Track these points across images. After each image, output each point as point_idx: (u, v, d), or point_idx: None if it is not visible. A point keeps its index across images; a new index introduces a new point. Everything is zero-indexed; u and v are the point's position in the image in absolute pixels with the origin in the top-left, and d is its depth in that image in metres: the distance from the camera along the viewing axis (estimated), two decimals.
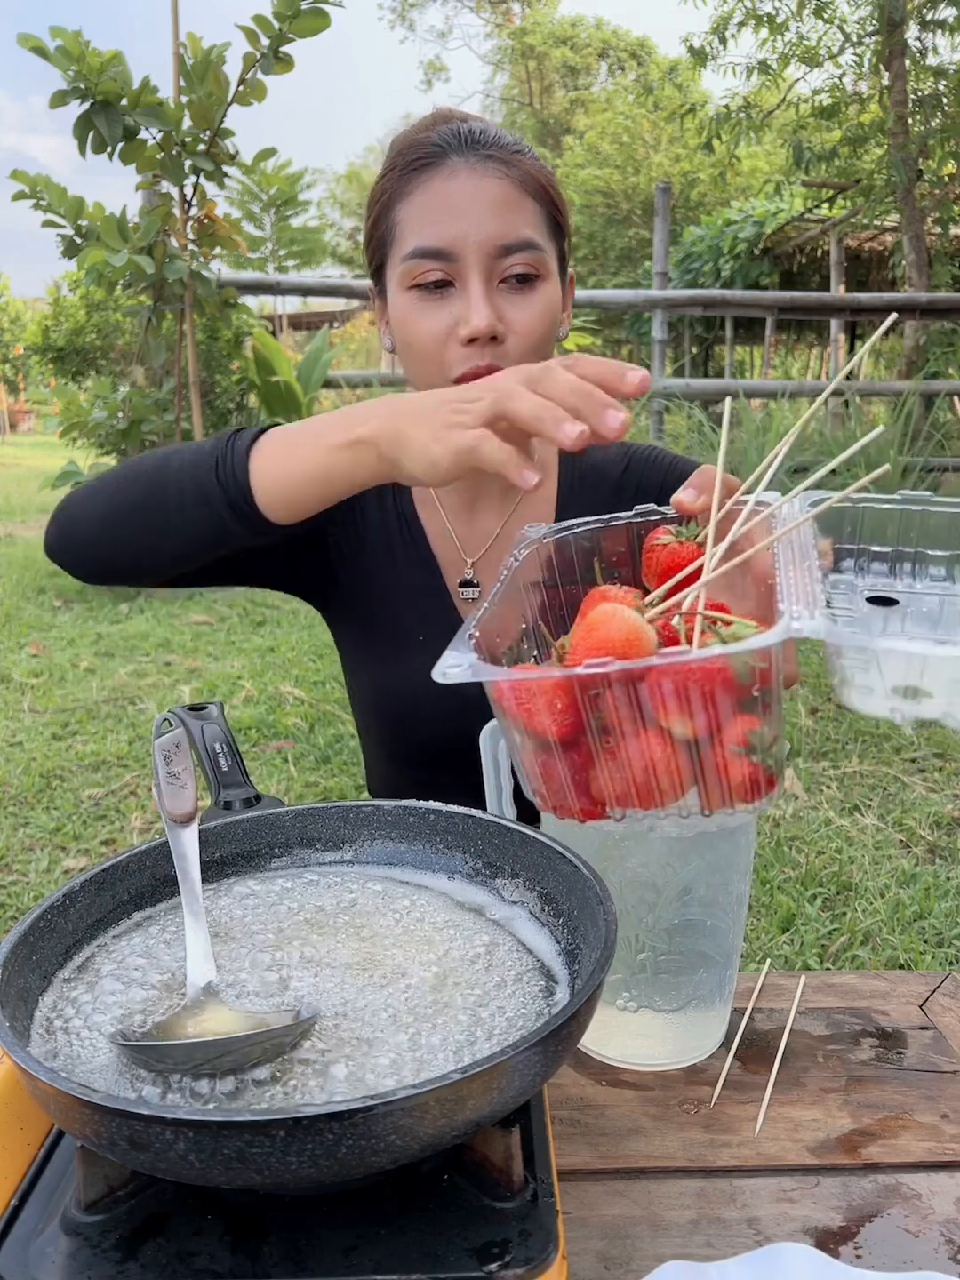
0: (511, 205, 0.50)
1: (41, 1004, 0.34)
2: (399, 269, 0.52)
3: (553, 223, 0.53)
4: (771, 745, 0.29)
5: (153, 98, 2.44)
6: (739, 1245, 0.34)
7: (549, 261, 0.52)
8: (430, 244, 0.50)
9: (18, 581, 3.21)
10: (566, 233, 0.55)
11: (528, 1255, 0.28)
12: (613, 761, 0.29)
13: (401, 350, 0.54)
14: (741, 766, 0.29)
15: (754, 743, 0.29)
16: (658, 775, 0.29)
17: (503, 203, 0.50)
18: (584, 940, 0.36)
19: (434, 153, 0.51)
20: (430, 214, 0.50)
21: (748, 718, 0.28)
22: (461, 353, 0.51)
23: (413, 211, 0.51)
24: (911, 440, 3.08)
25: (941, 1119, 0.40)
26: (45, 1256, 0.29)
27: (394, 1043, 0.32)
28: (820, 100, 4.31)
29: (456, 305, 0.51)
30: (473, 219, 0.50)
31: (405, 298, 0.52)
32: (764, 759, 0.29)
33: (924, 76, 4.04)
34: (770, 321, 4.31)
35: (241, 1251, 0.29)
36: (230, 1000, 0.34)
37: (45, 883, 1.40)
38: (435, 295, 0.51)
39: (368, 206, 0.55)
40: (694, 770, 0.29)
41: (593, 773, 0.30)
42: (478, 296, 0.50)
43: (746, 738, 0.29)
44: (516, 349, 0.51)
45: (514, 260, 0.50)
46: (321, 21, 2.36)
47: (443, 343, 0.51)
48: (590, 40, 12.49)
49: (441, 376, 0.52)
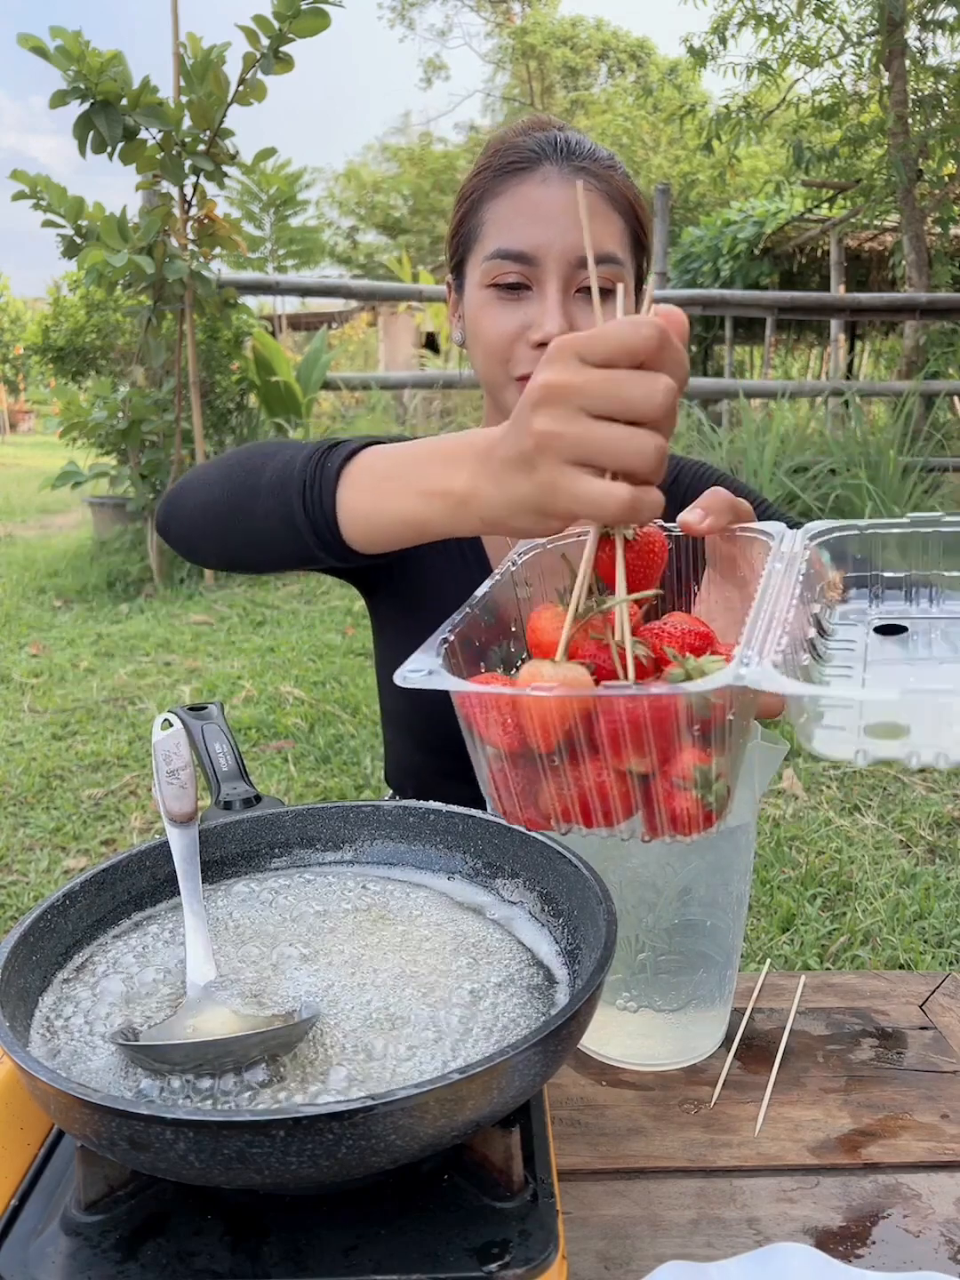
0: (598, 218, 0.52)
1: (41, 1004, 0.34)
2: (480, 266, 0.53)
3: (635, 239, 0.55)
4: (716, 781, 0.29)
5: (153, 98, 2.44)
6: (739, 1245, 0.34)
7: (626, 277, 0.54)
8: (515, 246, 0.51)
9: (18, 581, 3.21)
10: (648, 251, 0.57)
11: (528, 1255, 0.28)
12: (557, 780, 0.29)
13: (470, 343, 0.56)
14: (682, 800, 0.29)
15: (697, 778, 0.28)
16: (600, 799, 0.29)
17: (590, 215, 0.51)
18: (584, 940, 0.36)
19: (529, 158, 0.52)
20: (519, 217, 0.52)
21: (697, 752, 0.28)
22: (530, 354, 0.52)
23: (501, 212, 0.52)
24: (911, 440, 3.08)
25: (941, 1119, 0.40)
26: (45, 1256, 0.29)
27: (394, 1042, 0.32)
28: (820, 100, 4.32)
29: (531, 309, 0.52)
30: (559, 227, 0.51)
31: (482, 294, 0.53)
32: (705, 795, 0.29)
33: (924, 76, 4.04)
34: (770, 321, 4.31)
35: (241, 1251, 0.29)
36: (230, 1000, 0.34)
37: (45, 883, 1.40)
38: (511, 296, 0.53)
39: (456, 202, 0.56)
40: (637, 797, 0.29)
41: (539, 786, 0.30)
42: (553, 303, 0.51)
43: (691, 772, 0.28)
44: None
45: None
46: (321, 21, 2.36)
47: (512, 342, 0.53)
48: (590, 41, 12.50)
49: (506, 373, 0.54)
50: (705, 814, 0.29)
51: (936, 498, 3.04)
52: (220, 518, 0.47)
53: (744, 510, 0.36)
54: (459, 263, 0.56)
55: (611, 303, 0.52)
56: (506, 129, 0.57)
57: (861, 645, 0.33)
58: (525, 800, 0.30)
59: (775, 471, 2.86)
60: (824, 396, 3.57)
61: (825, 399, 3.57)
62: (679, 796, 0.29)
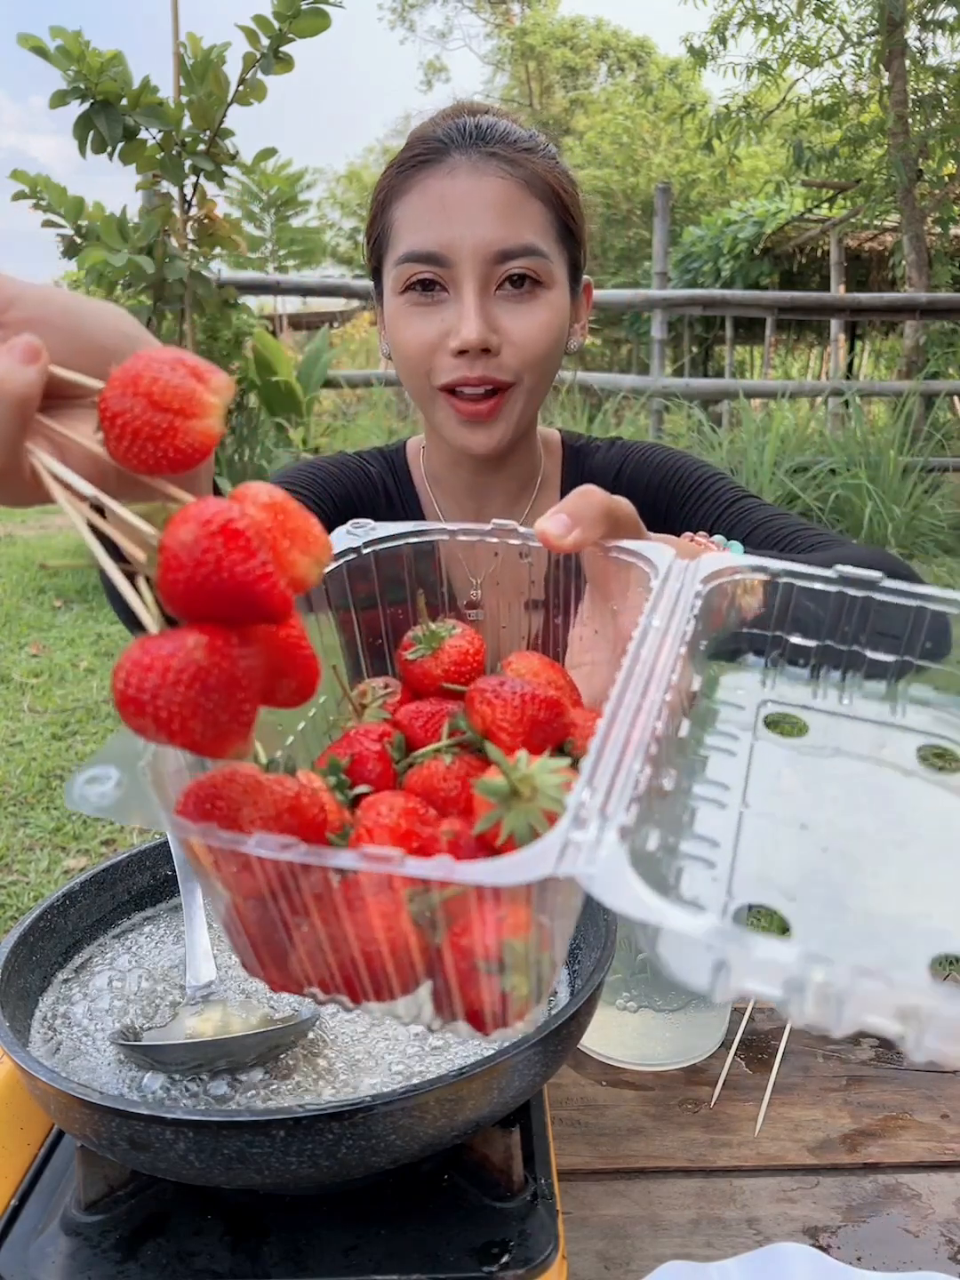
0: (513, 207, 0.47)
1: (41, 1004, 0.34)
2: (392, 272, 0.49)
3: (562, 227, 0.50)
4: (537, 961, 0.19)
5: (153, 98, 2.43)
6: (739, 1245, 0.34)
7: (554, 269, 0.49)
8: (423, 247, 0.47)
9: (17, 581, 3.21)
10: (580, 239, 0.51)
11: (528, 1255, 0.28)
12: (309, 941, 0.19)
13: (394, 358, 0.52)
14: (483, 990, 0.19)
15: (508, 958, 0.18)
16: (369, 967, 0.19)
17: (504, 204, 0.47)
18: (583, 940, 0.36)
19: (435, 149, 0.48)
20: (425, 215, 0.47)
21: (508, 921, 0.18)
22: (450, 362, 0.48)
23: (409, 211, 0.48)
24: (912, 440, 3.08)
25: (941, 1119, 0.40)
26: (45, 1256, 0.29)
27: (394, 1043, 0.32)
28: (820, 100, 4.31)
29: (448, 313, 0.48)
30: (468, 221, 0.46)
31: (397, 302, 0.49)
32: (517, 983, 0.19)
33: (924, 76, 4.04)
34: (770, 321, 4.30)
35: (241, 1251, 0.29)
36: (230, 1000, 0.34)
37: (45, 883, 1.40)
38: (427, 300, 0.48)
39: (369, 204, 0.53)
40: (426, 969, 0.19)
41: (286, 944, 0.20)
42: (469, 306, 0.47)
43: (498, 951, 0.18)
44: (513, 360, 0.48)
45: (512, 266, 0.47)
46: (321, 22, 2.35)
47: (433, 351, 0.49)
48: (590, 41, 12.50)
49: (429, 385, 0.50)
50: (517, 1010, 0.19)
51: (937, 498, 3.04)
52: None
53: (623, 516, 0.27)
54: (376, 268, 0.52)
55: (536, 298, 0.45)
56: (426, 122, 0.51)
57: (745, 749, 0.23)
58: (272, 957, 0.20)
59: (775, 472, 2.86)
60: (824, 396, 3.57)
61: (825, 399, 3.56)
62: (479, 983, 0.19)
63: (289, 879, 0.19)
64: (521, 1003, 0.20)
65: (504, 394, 0.49)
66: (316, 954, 0.20)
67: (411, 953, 0.19)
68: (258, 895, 0.19)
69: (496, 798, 0.20)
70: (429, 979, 0.20)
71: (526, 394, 0.50)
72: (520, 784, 0.20)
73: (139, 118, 2.46)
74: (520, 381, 0.49)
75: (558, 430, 0.60)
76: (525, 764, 0.20)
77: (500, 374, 0.48)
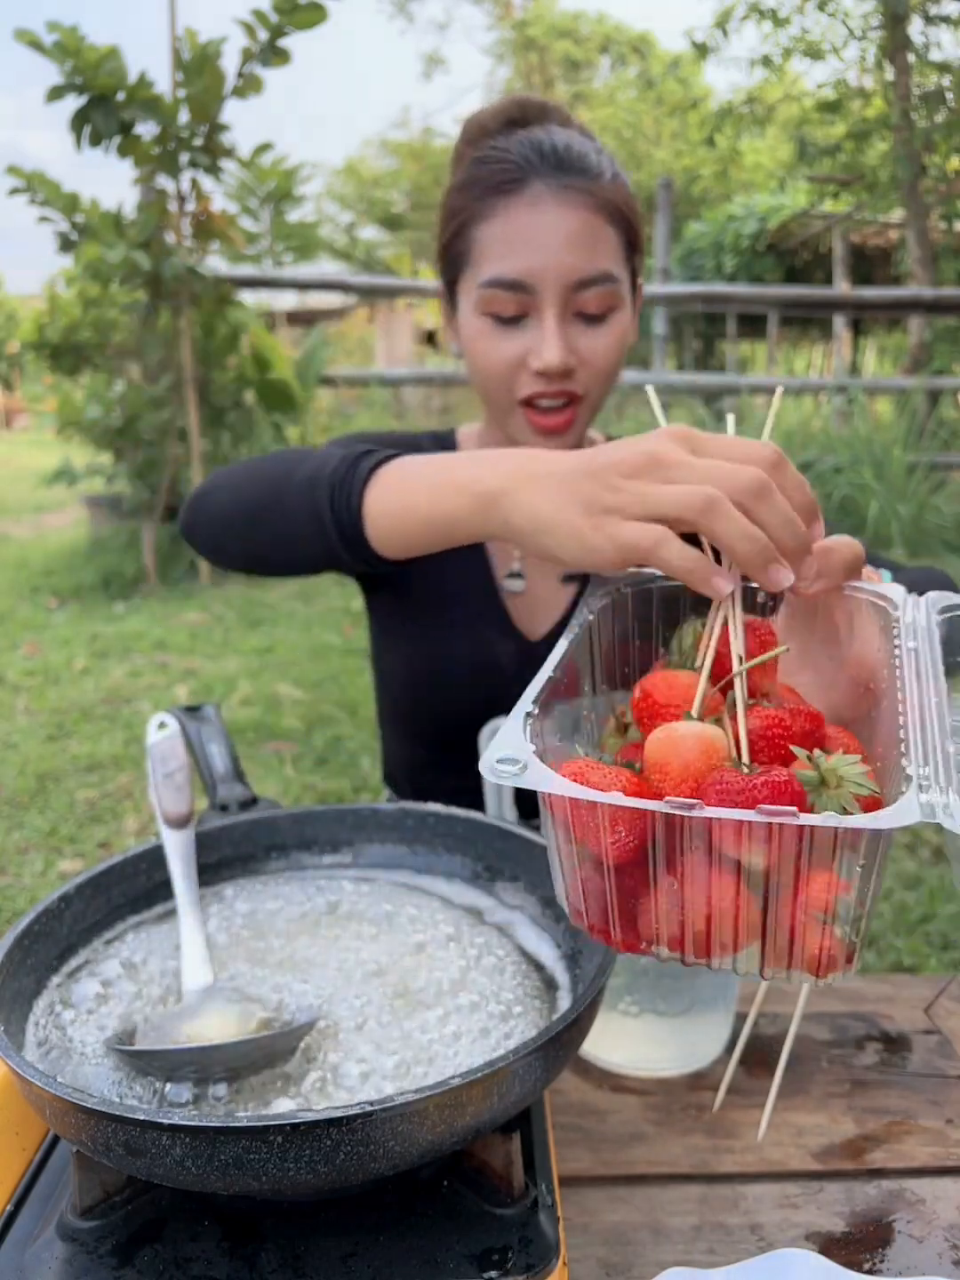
0: (593, 237, 0.51)
1: (36, 1008, 0.34)
2: (475, 293, 0.52)
3: (629, 246, 0.54)
4: (860, 917, 0.24)
5: (149, 92, 2.42)
6: (742, 1252, 0.33)
7: (624, 291, 0.53)
8: (509, 275, 0.50)
9: (12, 581, 3.19)
10: (641, 250, 0.55)
11: (528, 1262, 0.28)
12: (669, 901, 0.25)
13: (469, 368, 0.56)
14: (818, 936, 0.24)
15: (840, 911, 0.24)
16: (719, 926, 0.25)
17: (585, 235, 0.50)
18: (585, 944, 0.35)
19: (515, 175, 0.51)
20: (511, 244, 0.51)
21: (839, 881, 0.23)
22: (532, 379, 0.52)
23: (493, 236, 0.51)
24: (917, 437, 3.07)
25: (946, 1124, 0.40)
26: (41, 1262, 0.28)
27: (393, 1047, 0.32)
28: (824, 94, 4.28)
29: (530, 335, 0.52)
30: (553, 252, 0.50)
31: (479, 323, 0.53)
32: (847, 932, 0.24)
33: (928, 71, 4.01)
34: (774, 317, 4.28)
35: (239, 1258, 0.28)
36: (226, 1005, 0.33)
37: (40, 886, 1.40)
38: (509, 323, 0.52)
39: (443, 217, 0.55)
40: (761, 927, 0.25)
41: (643, 904, 0.26)
42: (552, 332, 0.50)
43: (832, 904, 0.23)
44: (586, 379, 0.53)
45: (590, 294, 0.51)
46: (318, 15, 2.34)
47: (513, 370, 0.52)
48: (592, 34, 12.42)
49: (509, 398, 0.54)
50: (847, 953, 0.24)
51: (942, 496, 3.02)
52: (249, 515, 0.47)
53: (856, 561, 0.32)
54: (451, 281, 0.55)
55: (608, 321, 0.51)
56: (484, 114, 0.54)
57: None
58: (624, 919, 0.26)
59: None
60: (828, 393, 3.55)
61: (829, 395, 3.55)
62: (814, 931, 0.24)
63: (666, 836, 0.24)
64: (850, 948, 0.25)
65: (576, 407, 0.54)
66: (673, 912, 0.25)
67: (752, 910, 0.24)
68: (630, 858, 0.25)
69: (809, 787, 0.25)
70: (764, 933, 0.25)
71: (592, 406, 0.55)
72: (828, 774, 0.25)
73: (135, 112, 2.44)
74: (589, 395, 0.54)
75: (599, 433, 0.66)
76: (823, 760, 0.26)
77: (575, 388, 0.53)
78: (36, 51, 2.35)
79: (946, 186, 4.14)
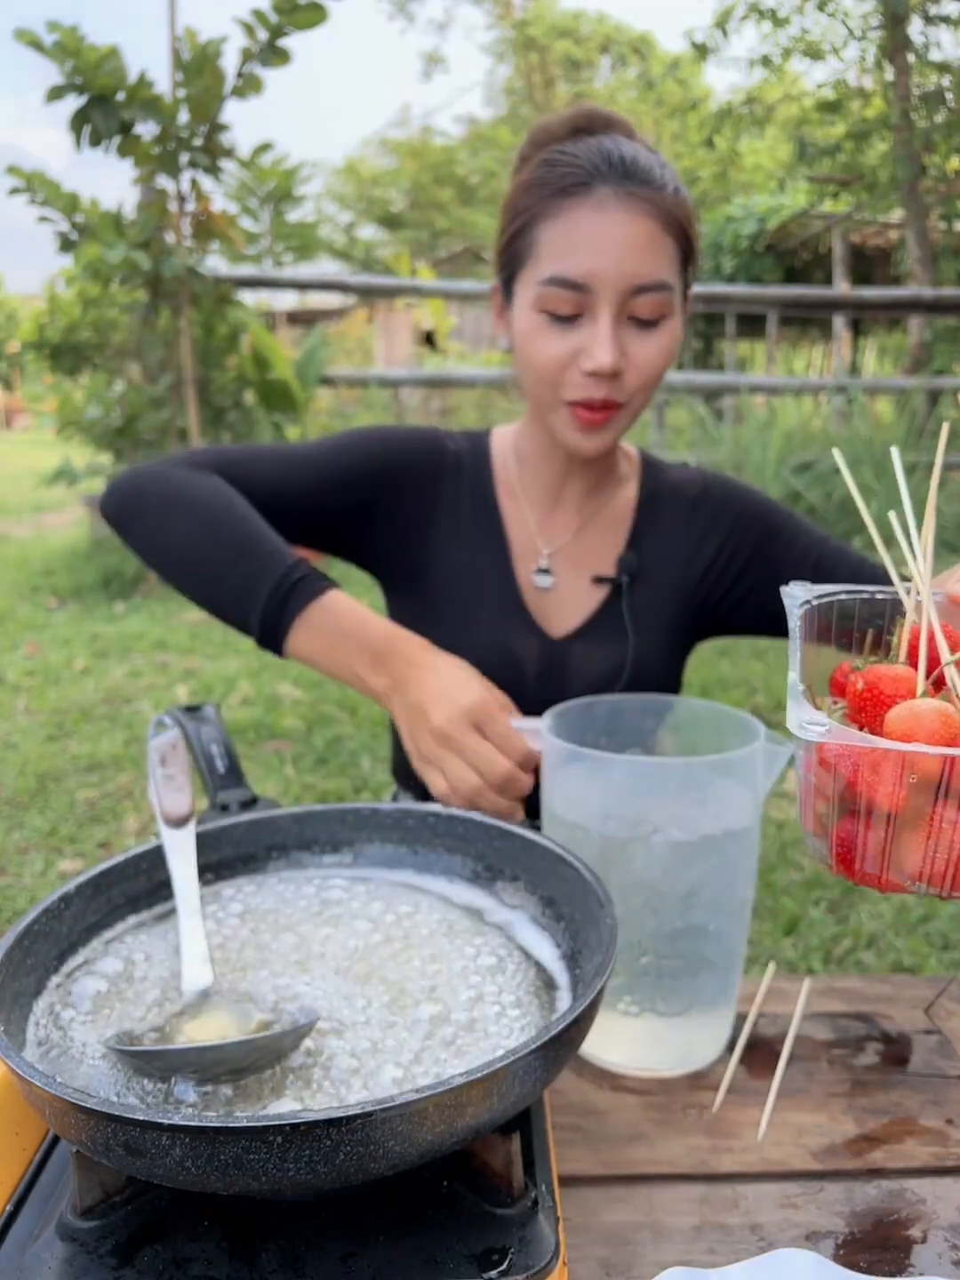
0: (653, 245, 0.52)
1: (36, 1008, 0.34)
2: (533, 289, 0.53)
3: (685, 258, 0.55)
4: None
5: (149, 92, 2.42)
6: (742, 1252, 0.33)
7: (676, 301, 0.54)
8: (570, 274, 0.51)
9: (12, 581, 3.19)
10: (695, 265, 0.57)
11: (528, 1262, 0.28)
12: (938, 839, 0.29)
13: (519, 362, 0.56)
14: None
15: None
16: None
17: (645, 242, 0.51)
18: (585, 944, 0.35)
19: (581, 179, 0.52)
20: (574, 244, 0.51)
21: None
22: (580, 380, 0.53)
23: (556, 235, 0.52)
24: (917, 438, 3.07)
25: (946, 1124, 0.40)
26: (41, 1262, 0.28)
27: (393, 1047, 0.32)
28: (824, 94, 4.28)
29: (583, 335, 0.52)
30: (615, 256, 0.51)
31: (534, 318, 0.54)
32: None
33: (928, 71, 4.01)
34: (773, 317, 4.28)
35: (239, 1258, 0.28)
36: (227, 1005, 0.33)
37: (40, 885, 1.39)
38: (564, 321, 0.53)
39: (507, 214, 0.56)
40: None
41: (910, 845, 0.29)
42: (605, 334, 0.51)
43: None
44: (633, 383, 0.54)
45: (645, 300, 0.52)
46: (318, 15, 2.34)
47: (563, 368, 0.53)
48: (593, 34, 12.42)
49: (556, 397, 0.54)
50: None
51: (942, 496, 3.03)
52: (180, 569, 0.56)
53: None
54: (508, 277, 0.56)
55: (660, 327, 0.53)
56: (551, 120, 0.56)
57: None
58: (890, 862, 0.30)
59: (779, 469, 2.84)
60: (828, 393, 3.55)
61: (829, 395, 3.55)
62: None
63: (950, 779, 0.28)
64: None
65: (617, 408, 0.55)
66: (945, 850, 0.29)
67: None
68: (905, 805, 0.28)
69: None
70: None
71: (632, 414, 0.56)
72: None
73: (135, 112, 2.44)
74: (630, 404, 0.55)
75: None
76: None
77: (621, 395, 0.54)
78: (36, 51, 2.35)
79: (946, 186, 4.15)
